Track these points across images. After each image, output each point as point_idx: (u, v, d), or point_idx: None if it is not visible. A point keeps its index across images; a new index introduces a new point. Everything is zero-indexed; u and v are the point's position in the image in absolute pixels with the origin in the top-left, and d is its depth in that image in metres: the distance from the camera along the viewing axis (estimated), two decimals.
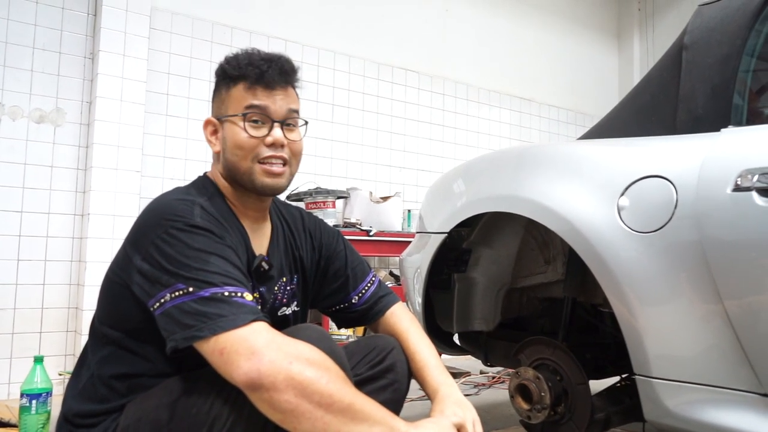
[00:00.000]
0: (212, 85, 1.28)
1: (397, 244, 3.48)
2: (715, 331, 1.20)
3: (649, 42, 5.71)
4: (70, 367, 2.89)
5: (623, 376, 1.76)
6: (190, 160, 3.34)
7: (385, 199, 3.68)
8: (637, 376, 1.33)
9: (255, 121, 1.18)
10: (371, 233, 3.40)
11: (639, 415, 1.40)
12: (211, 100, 1.29)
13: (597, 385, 1.63)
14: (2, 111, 2.87)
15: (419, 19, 4.41)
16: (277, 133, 1.19)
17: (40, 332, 2.91)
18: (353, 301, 1.41)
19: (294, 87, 1.26)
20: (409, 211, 3.84)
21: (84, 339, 2.11)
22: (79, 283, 2.97)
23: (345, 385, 0.98)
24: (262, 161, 1.18)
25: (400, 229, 3.68)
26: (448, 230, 1.84)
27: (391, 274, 3.86)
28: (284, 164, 1.21)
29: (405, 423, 1.01)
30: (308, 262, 1.39)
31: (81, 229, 3.02)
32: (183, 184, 1.27)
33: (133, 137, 3.05)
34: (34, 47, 2.96)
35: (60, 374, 2.87)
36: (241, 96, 1.19)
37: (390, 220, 3.59)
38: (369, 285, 1.43)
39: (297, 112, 1.24)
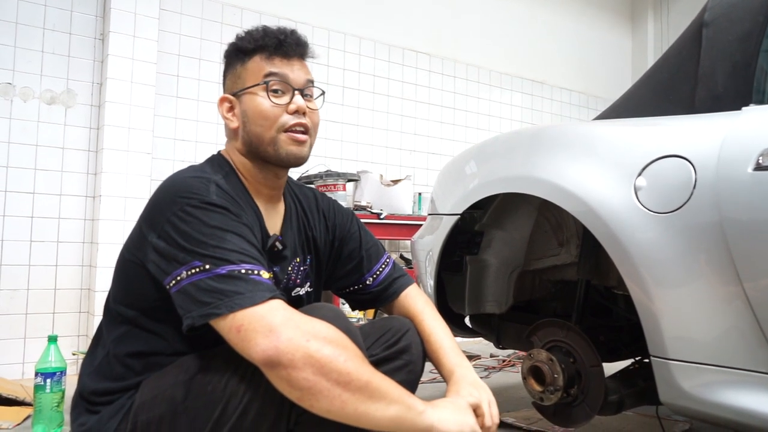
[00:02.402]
0: (222, 68, 1.28)
1: (407, 227, 3.47)
2: (734, 313, 1.19)
3: (664, 25, 5.61)
4: (83, 348, 2.92)
5: (637, 358, 1.75)
6: (200, 142, 3.34)
7: (395, 182, 3.66)
8: (652, 358, 1.32)
9: (275, 91, 1.18)
10: (382, 216, 3.39)
11: (652, 398, 1.39)
12: (222, 80, 1.28)
13: (610, 368, 1.62)
14: (14, 92, 2.87)
15: (430, 0, 4.36)
16: (299, 99, 1.19)
17: (53, 313, 2.94)
18: (367, 282, 1.40)
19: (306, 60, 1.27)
20: (419, 194, 3.83)
21: (97, 320, 2.10)
22: (92, 265, 2.99)
23: (362, 363, 0.98)
24: (287, 130, 1.18)
25: (411, 213, 3.67)
26: (460, 212, 1.83)
27: (402, 257, 3.85)
28: (306, 133, 1.21)
29: (422, 402, 1.01)
30: (322, 243, 1.38)
31: (93, 210, 3.03)
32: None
33: (143, 119, 3.05)
34: (44, 28, 2.95)
35: (74, 354, 2.90)
36: (258, 67, 1.19)
37: (400, 203, 3.59)
38: (383, 266, 1.42)
39: (313, 82, 1.25)
